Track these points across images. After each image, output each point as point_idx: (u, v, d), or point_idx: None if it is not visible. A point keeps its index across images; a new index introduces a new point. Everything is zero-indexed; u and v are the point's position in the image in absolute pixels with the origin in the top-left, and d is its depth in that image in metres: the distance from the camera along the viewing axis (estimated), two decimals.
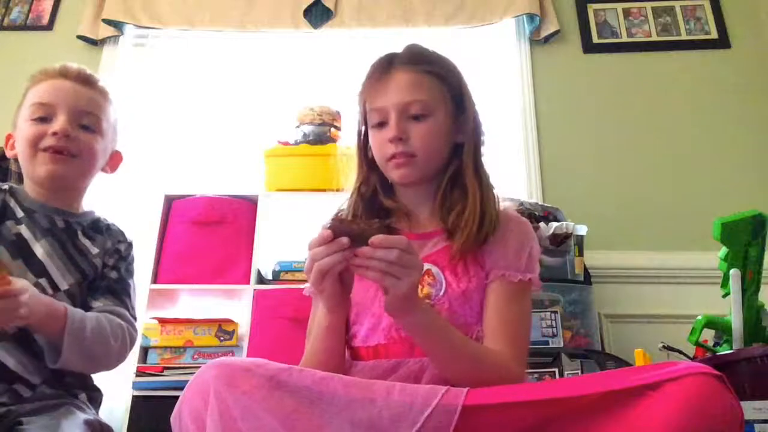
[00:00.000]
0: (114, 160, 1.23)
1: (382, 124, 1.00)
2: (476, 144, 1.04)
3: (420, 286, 0.93)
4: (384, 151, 0.99)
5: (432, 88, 1.00)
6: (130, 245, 1.20)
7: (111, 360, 1.07)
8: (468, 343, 0.88)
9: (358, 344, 0.96)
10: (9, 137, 1.16)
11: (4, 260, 0.93)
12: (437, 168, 1.02)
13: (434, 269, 0.96)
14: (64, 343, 0.96)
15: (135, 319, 1.15)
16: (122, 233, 1.20)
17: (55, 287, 1.06)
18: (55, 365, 0.97)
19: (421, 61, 1.02)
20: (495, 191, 1.02)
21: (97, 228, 1.17)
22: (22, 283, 0.91)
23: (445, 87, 1.02)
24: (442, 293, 0.94)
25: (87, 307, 1.08)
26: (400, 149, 0.97)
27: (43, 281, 1.05)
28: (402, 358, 0.91)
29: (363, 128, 1.06)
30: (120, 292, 1.13)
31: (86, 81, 1.15)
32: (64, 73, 1.14)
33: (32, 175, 1.11)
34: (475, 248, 0.95)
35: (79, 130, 1.11)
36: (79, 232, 1.13)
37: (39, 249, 1.07)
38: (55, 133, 1.07)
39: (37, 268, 1.05)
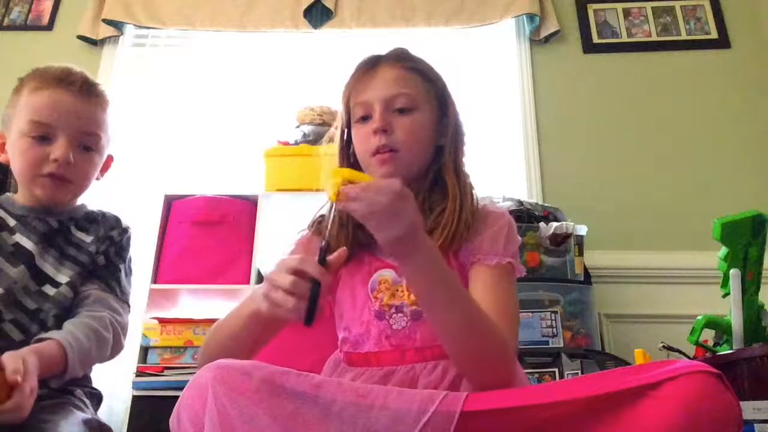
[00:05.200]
0: (104, 167, 1.20)
1: (365, 118, 0.99)
2: (457, 146, 1.03)
3: (407, 292, 0.93)
4: (367, 144, 0.98)
5: (417, 85, 1.00)
6: (124, 230, 1.17)
7: (109, 353, 1.07)
8: (472, 300, 0.83)
9: (348, 350, 0.96)
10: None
11: None
12: (420, 168, 1.01)
13: None
14: (69, 368, 0.96)
15: (127, 303, 1.13)
16: (117, 220, 1.18)
17: (57, 285, 1.06)
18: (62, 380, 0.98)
19: (407, 59, 1.03)
20: (474, 192, 1.01)
21: (91, 218, 1.16)
22: (13, 367, 0.85)
23: (430, 86, 1.02)
24: None
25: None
26: (383, 141, 0.96)
27: (45, 287, 1.05)
28: (393, 365, 0.90)
29: (345, 129, 1.05)
30: (107, 277, 1.12)
31: (88, 92, 1.11)
32: (65, 83, 1.09)
33: (29, 194, 1.11)
34: (453, 248, 0.94)
35: (78, 152, 1.08)
36: (73, 227, 1.13)
37: (39, 258, 1.07)
38: (56, 160, 1.05)
39: (39, 277, 1.06)
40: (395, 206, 0.72)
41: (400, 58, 1.03)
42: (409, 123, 0.97)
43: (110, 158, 1.21)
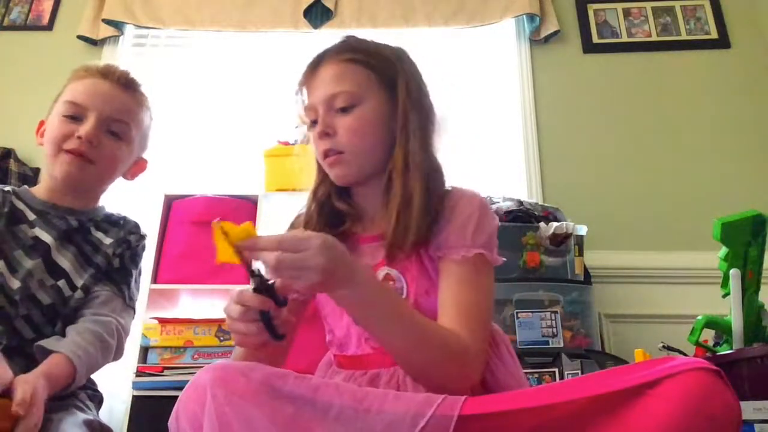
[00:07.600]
0: (136, 167, 1.22)
1: (314, 122, 0.96)
2: (408, 133, 0.94)
3: None
4: (318, 149, 0.96)
5: (357, 77, 0.95)
6: (141, 237, 1.20)
7: (112, 358, 1.08)
8: (414, 319, 0.80)
9: (336, 352, 0.95)
10: (41, 124, 1.16)
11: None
12: (375, 164, 0.95)
13: (394, 272, 0.91)
14: (76, 380, 0.97)
15: (133, 309, 1.16)
16: (137, 226, 1.20)
17: (73, 287, 1.08)
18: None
19: (345, 51, 0.98)
20: (437, 181, 0.94)
21: (112, 221, 1.17)
22: (21, 397, 0.84)
23: (374, 74, 0.96)
24: (404, 296, 0.90)
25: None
26: (328, 146, 0.93)
27: (61, 283, 1.07)
28: (377, 368, 0.88)
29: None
30: (119, 280, 1.13)
31: (125, 85, 1.14)
32: (105, 74, 1.13)
33: (51, 172, 1.11)
34: (409, 248, 0.89)
35: (105, 136, 1.10)
36: (92, 227, 1.14)
37: (56, 251, 1.08)
38: (80, 137, 1.07)
39: (55, 271, 1.07)
40: (288, 262, 0.72)
41: (340, 51, 0.98)
42: (351, 121, 0.93)
43: (143, 162, 1.22)
